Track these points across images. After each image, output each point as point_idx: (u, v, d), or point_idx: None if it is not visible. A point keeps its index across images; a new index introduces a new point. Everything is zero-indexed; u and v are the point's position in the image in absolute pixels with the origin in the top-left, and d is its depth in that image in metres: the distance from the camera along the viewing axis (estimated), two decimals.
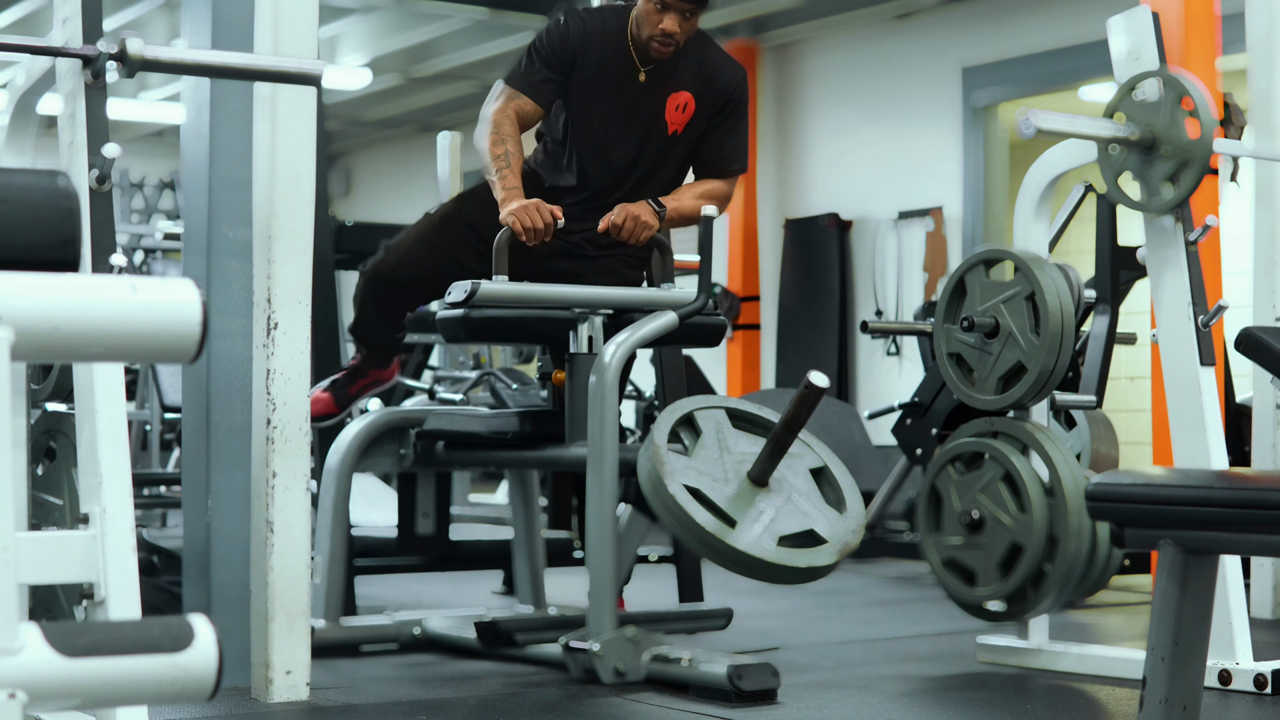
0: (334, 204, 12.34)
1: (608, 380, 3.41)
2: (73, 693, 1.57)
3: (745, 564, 3.13)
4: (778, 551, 3.15)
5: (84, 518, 2.50)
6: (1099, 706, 3.37)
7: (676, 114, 3.82)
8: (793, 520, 3.23)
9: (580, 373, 3.60)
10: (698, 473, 3.23)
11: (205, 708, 3.14)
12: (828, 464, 3.38)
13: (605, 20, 3.82)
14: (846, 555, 3.22)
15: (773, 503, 3.23)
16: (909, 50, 8.77)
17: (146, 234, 8.37)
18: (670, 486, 3.16)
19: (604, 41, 3.78)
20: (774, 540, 3.16)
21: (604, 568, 3.38)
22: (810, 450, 3.39)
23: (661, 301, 3.65)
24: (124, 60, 2.89)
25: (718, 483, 3.23)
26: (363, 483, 5.20)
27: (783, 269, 9.28)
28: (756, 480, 3.25)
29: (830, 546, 3.21)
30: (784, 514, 3.22)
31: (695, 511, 3.14)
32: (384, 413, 4.04)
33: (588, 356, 3.60)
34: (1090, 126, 3.55)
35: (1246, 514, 2.02)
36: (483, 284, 3.45)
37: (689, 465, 3.24)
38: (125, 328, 1.69)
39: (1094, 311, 4.86)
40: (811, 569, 3.18)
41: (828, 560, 3.19)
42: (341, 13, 9.30)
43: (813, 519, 3.25)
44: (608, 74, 3.78)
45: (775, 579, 3.19)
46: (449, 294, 3.51)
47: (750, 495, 3.23)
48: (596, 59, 3.77)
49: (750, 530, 3.16)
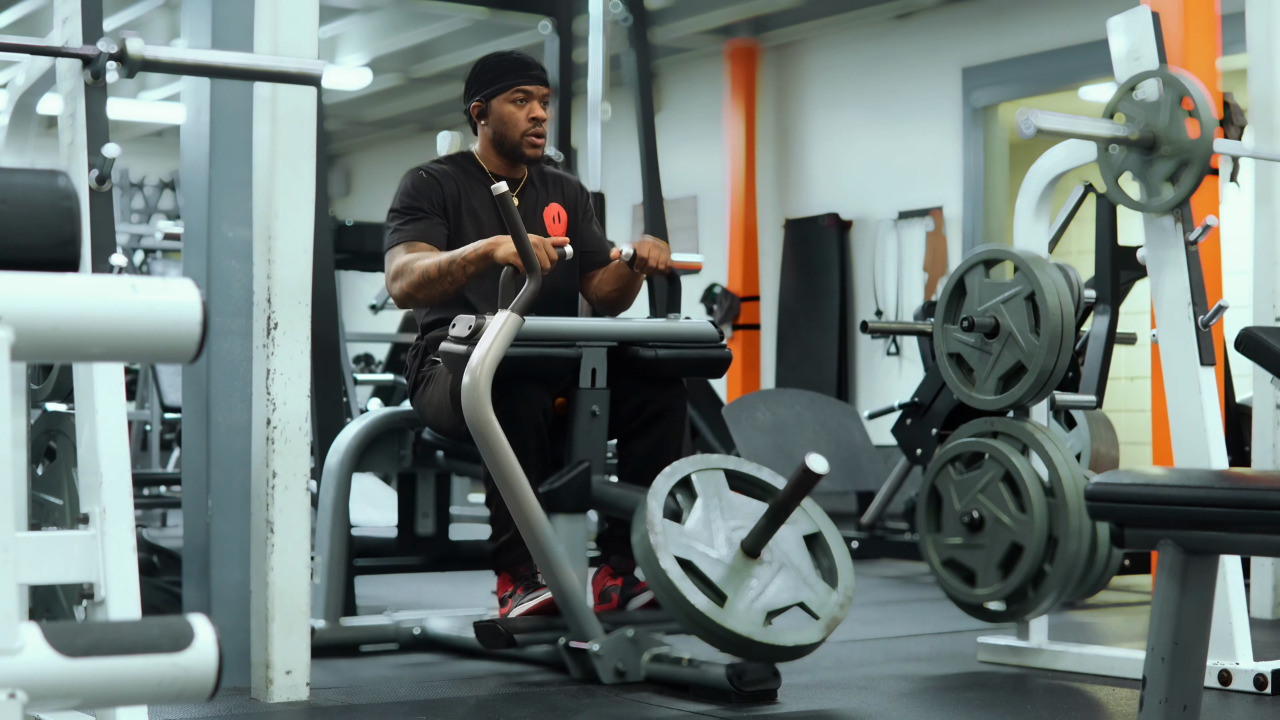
0: (334, 204, 12.34)
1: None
2: (73, 693, 1.57)
3: (734, 644, 3.16)
4: (765, 631, 3.17)
5: (84, 518, 2.50)
6: (1099, 706, 3.37)
7: (555, 225, 3.92)
8: (784, 594, 3.25)
9: (583, 407, 3.59)
10: (690, 542, 3.24)
11: (205, 708, 3.14)
12: (822, 530, 3.40)
13: (457, 164, 3.90)
14: (833, 630, 3.25)
15: (764, 576, 3.26)
16: (909, 50, 8.77)
17: (146, 234, 8.37)
18: (662, 561, 3.17)
19: (467, 182, 3.86)
20: (763, 617, 3.19)
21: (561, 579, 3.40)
22: (805, 515, 3.40)
23: (667, 335, 3.65)
24: (124, 60, 2.90)
25: (710, 553, 3.25)
26: (363, 483, 5.19)
27: (783, 269, 9.28)
28: (750, 552, 3.26)
29: (819, 623, 3.24)
30: (774, 587, 3.25)
31: (687, 590, 3.15)
32: (384, 413, 4.04)
33: (590, 391, 3.59)
34: (1090, 126, 3.55)
35: (1246, 514, 2.02)
36: (487, 318, 3.40)
37: (682, 534, 3.25)
38: (125, 328, 1.69)
39: (1094, 311, 4.86)
40: (798, 648, 3.21)
41: (815, 639, 3.23)
42: (341, 13, 9.30)
43: (803, 593, 3.27)
44: (483, 210, 3.82)
45: (762, 658, 3.23)
46: (453, 326, 3.47)
47: (743, 568, 3.25)
48: (466, 202, 3.82)
49: (740, 607, 3.18)
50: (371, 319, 9.22)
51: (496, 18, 8.63)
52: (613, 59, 6.10)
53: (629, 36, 5.35)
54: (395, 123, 12.21)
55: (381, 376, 7.82)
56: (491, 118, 3.86)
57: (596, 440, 3.61)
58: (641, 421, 3.67)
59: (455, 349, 3.43)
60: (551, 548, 3.37)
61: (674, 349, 3.64)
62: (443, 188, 3.81)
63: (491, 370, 3.27)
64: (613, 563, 3.77)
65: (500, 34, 9.39)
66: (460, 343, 3.42)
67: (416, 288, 3.66)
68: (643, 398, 3.66)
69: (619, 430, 3.71)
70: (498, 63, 3.89)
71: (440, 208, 3.80)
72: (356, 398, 6.81)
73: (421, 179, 3.82)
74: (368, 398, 7.86)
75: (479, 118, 3.90)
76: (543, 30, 5.80)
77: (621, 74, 5.42)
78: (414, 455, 4.07)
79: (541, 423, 3.52)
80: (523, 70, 3.86)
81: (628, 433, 3.70)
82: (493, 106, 3.86)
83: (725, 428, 5.91)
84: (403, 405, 4.08)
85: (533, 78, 3.85)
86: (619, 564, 3.76)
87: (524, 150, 3.85)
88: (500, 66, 3.87)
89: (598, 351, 3.59)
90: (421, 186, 3.81)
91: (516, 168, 3.93)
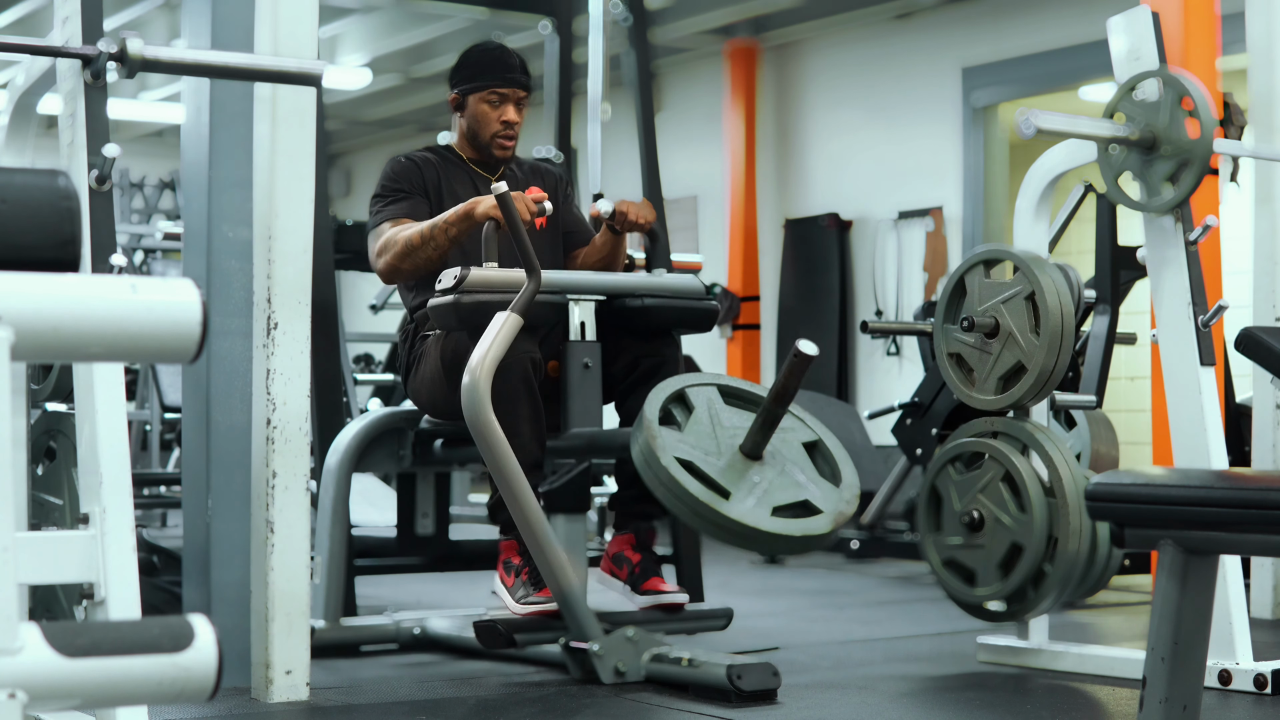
0: (334, 204, 12.34)
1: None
2: (73, 693, 1.57)
3: (740, 534, 3.12)
4: (773, 521, 3.14)
5: (84, 518, 2.50)
6: (1099, 706, 3.37)
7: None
8: (787, 491, 3.22)
9: (575, 360, 3.60)
10: (690, 446, 3.22)
11: (205, 708, 3.14)
12: (821, 438, 3.37)
13: (436, 154, 3.97)
14: (842, 524, 3.22)
15: (766, 474, 3.22)
16: (909, 50, 8.77)
17: (146, 234, 8.37)
18: (663, 459, 3.15)
19: (447, 171, 3.92)
20: (768, 510, 3.16)
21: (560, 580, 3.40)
22: (803, 425, 3.39)
23: (653, 286, 3.66)
24: (124, 60, 2.90)
25: (710, 456, 3.22)
26: (363, 483, 5.19)
27: (783, 269, 9.28)
28: (749, 453, 3.24)
29: (825, 516, 3.20)
30: (778, 485, 3.22)
31: (688, 483, 3.13)
32: (384, 413, 4.04)
33: (581, 344, 3.60)
34: (1090, 126, 3.55)
35: (1246, 514, 2.02)
36: (472, 270, 3.44)
37: (681, 439, 3.24)
38: (125, 328, 1.69)
39: (1094, 311, 4.86)
40: (807, 538, 3.16)
41: (823, 529, 3.18)
42: (341, 13, 9.30)
43: (807, 490, 3.24)
44: (464, 194, 3.86)
45: (770, 549, 3.18)
46: (439, 281, 3.50)
47: (743, 467, 3.22)
48: (447, 187, 3.88)
49: (744, 501, 3.15)
50: (371, 319, 9.21)
51: (496, 18, 8.62)
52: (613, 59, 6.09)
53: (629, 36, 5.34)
54: (395, 123, 12.20)
55: (381, 376, 7.82)
56: (467, 112, 3.95)
57: (591, 394, 3.63)
58: (636, 378, 3.68)
59: (443, 300, 3.48)
60: (551, 547, 3.37)
61: (661, 299, 3.67)
62: (423, 172, 3.89)
63: (491, 370, 3.28)
64: (637, 534, 3.75)
65: (500, 34, 9.39)
66: (447, 293, 3.46)
67: (401, 258, 3.71)
68: (636, 353, 3.68)
69: (614, 389, 3.71)
70: (479, 58, 3.95)
71: (422, 189, 3.86)
72: (356, 398, 6.81)
73: (401, 164, 3.90)
74: (368, 398, 7.86)
75: (456, 109, 3.99)
76: (543, 30, 5.79)
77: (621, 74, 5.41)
78: (414, 455, 4.07)
79: (530, 373, 3.51)
80: (500, 71, 3.91)
81: (624, 390, 3.71)
82: (469, 102, 3.94)
83: None
84: (403, 405, 4.08)
85: (509, 80, 3.91)
86: (642, 536, 3.75)
87: (493, 150, 3.94)
88: (480, 63, 3.94)
89: (586, 305, 3.62)
90: (402, 171, 3.88)
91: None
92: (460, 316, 3.46)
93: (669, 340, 3.73)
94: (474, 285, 3.45)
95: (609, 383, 3.69)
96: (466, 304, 3.44)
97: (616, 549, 3.75)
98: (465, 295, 3.45)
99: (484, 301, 3.43)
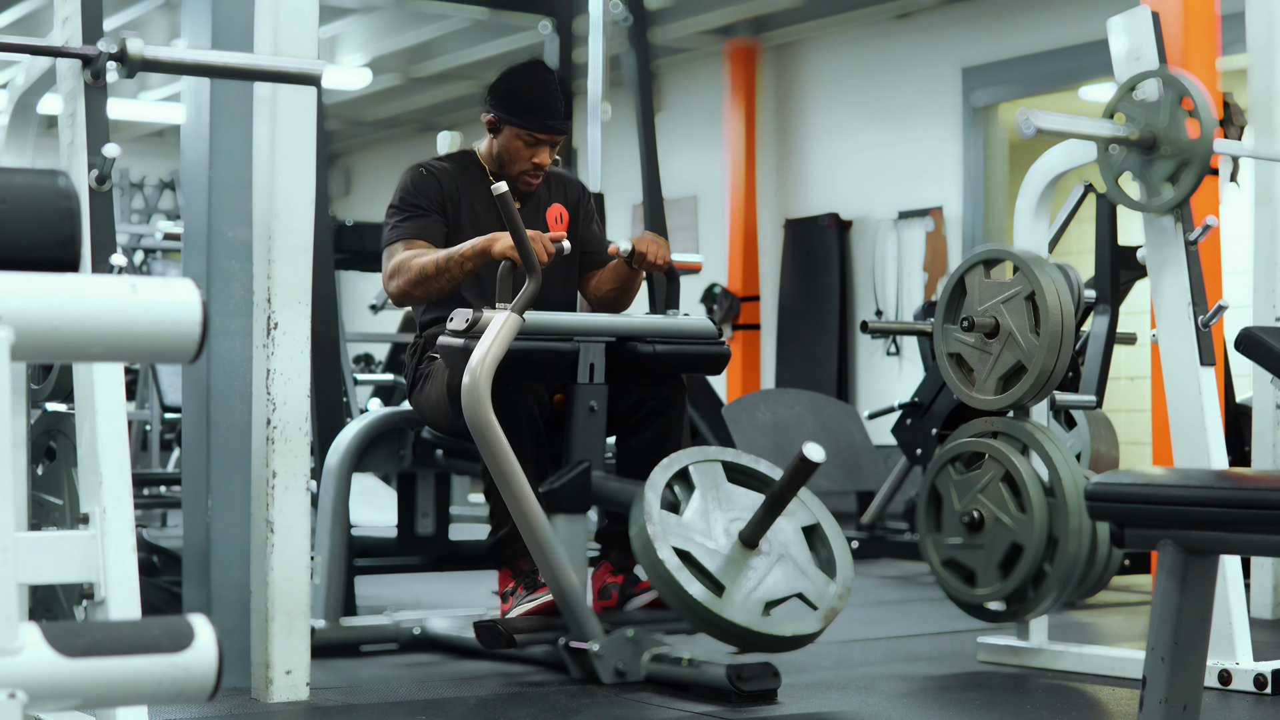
0: (334, 204, 12.34)
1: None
2: (73, 693, 1.57)
3: (732, 634, 3.16)
4: (763, 621, 3.17)
5: (84, 518, 2.50)
6: (1099, 706, 3.37)
7: (558, 226, 3.92)
8: (782, 584, 3.25)
9: (581, 402, 3.59)
10: (688, 534, 3.24)
11: (205, 708, 3.14)
12: (820, 521, 3.39)
13: (458, 163, 3.88)
14: (832, 621, 3.25)
15: (762, 567, 3.25)
16: (909, 50, 8.77)
17: (146, 234, 8.37)
18: (660, 552, 3.17)
19: (467, 181, 3.84)
20: (761, 607, 3.19)
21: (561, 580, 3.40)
22: (804, 507, 3.40)
23: (665, 330, 3.64)
24: (124, 60, 2.89)
25: (708, 544, 3.24)
26: (363, 483, 5.19)
27: (783, 269, 9.28)
28: (748, 542, 3.26)
29: (818, 614, 3.24)
30: (773, 578, 3.25)
31: (685, 581, 3.15)
32: (384, 413, 4.04)
33: (589, 386, 3.58)
34: (1090, 126, 3.55)
35: (1246, 514, 2.02)
36: (485, 313, 3.39)
37: (679, 526, 3.25)
38: (125, 328, 1.69)
39: (1094, 311, 4.86)
40: (796, 638, 3.21)
41: (813, 629, 3.22)
42: (341, 13, 9.30)
43: (801, 584, 3.27)
44: (482, 208, 3.81)
45: (760, 648, 3.22)
46: (450, 320, 3.46)
47: (741, 559, 3.24)
48: (466, 200, 3.81)
49: (738, 597, 3.18)
50: (371, 319, 9.22)
51: (496, 18, 8.63)
52: (613, 59, 6.10)
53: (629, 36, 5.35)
54: (395, 123, 12.21)
55: (381, 376, 7.82)
56: (500, 138, 3.84)
57: (595, 435, 3.61)
58: (640, 418, 3.67)
59: (453, 342, 3.42)
60: (551, 548, 3.37)
61: (672, 344, 3.64)
62: (442, 185, 3.80)
63: (491, 370, 3.27)
64: (613, 559, 3.77)
65: (500, 34, 9.40)
66: (458, 336, 3.41)
67: (413, 285, 3.65)
68: (641, 394, 3.65)
69: (618, 427, 3.70)
70: (525, 94, 3.80)
71: (439, 205, 3.79)
72: (356, 398, 6.80)
73: (421, 175, 3.81)
74: (368, 398, 7.86)
75: (489, 128, 3.87)
76: (543, 30, 5.80)
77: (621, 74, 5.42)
78: (414, 455, 4.07)
79: (538, 417, 3.51)
80: (542, 117, 3.77)
81: (626, 429, 3.70)
82: (504, 130, 3.82)
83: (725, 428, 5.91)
84: (403, 405, 4.08)
85: (549, 128, 3.78)
86: (619, 560, 3.75)
87: (517, 185, 3.83)
88: (525, 102, 3.79)
89: (596, 347, 3.59)
90: (421, 183, 3.80)
91: None
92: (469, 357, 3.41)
93: (675, 383, 3.70)
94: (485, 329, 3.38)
95: (612, 418, 3.67)
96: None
97: (599, 582, 3.75)
98: (474, 340, 3.36)
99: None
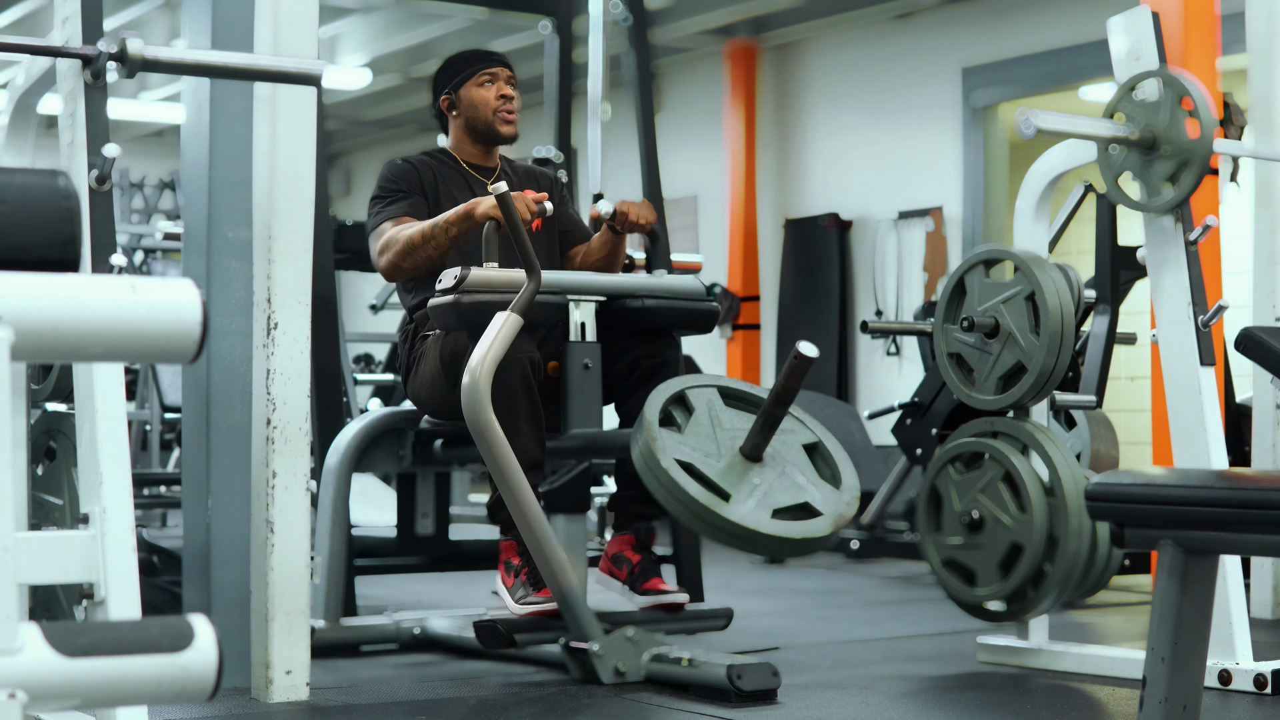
0: (334, 204, 12.34)
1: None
2: (73, 693, 1.57)
3: (740, 536, 3.12)
4: (773, 523, 3.14)
5: (84, 518, 2.50)
6: (1099, 706, 3.37)
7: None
8: (787, 493, 3.22)
9: (575, 360, 3.60)
10: (690, 448, 3.23)
11: (205, 708, 3.14)
12: (821, 440, 3.37)
13: (433, 157, 4.02)
14: (842, 526, 3.22)
15: (766, 476, 3.22)
16: (909, 50, 8.77)
17: (146, 234, 8.36)
18: (663, 461, 3.15)
19: (444, 173, 3.96)
20: (768, 512, 3.16)
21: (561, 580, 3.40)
22: (804, 427, 3.39)
23: (654, 287, 3.66)
24: (124, 60, 2.90)
25: (710, 457, 3.22)
26: (363, 483, 5.19)
27: (783, 269, 9.28)
28: (749, 455, 3.24)
29: (825, 518, 3.20)
30: (778, 487, 3.21)
31: (688, 485, 3.13)
32: (384, 413, 4.04)
33: (581, 345, 3.60)
34: (1090, 126, 3.55)
35: (1246, 514, 2.02)
36: (473, 270, 3.44)
37: (681, 441, 3.24)
38: (125, 328, 1.69)
39: (1094, 311, 4.85)
40: (807, 540, 3.17)
41: (823, 531, 3.18)
42: (341, 13, 9.30)
43: (807, 492, 3.24)
44: (461, 197, 3.88)
45: (770, 551, 3.19)
46: (439, 281, 3.51)
47: (743, 469, 3.22)
48: (444, 189, 3.92)
49: (744, 503, 3.15)
50: (371, 319, 9.21)
51: (496, 17, 8.63)
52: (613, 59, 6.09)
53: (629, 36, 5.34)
54: (395, 123, 12.20)
55: (381, 376, 7.82)
56: (462, 105, 4.00)
57: (590, 394, 3.63)
58: (636, 378, 3.69)
59: (443, 300, 3.48)
60: (551, 548, 3.37)
61: (661, 300, 3.67)
62: (420, 174, 3.92)
63: (492, 370, 3.28)
64: (637, 534, 3.75)
65: (500, 34, 9.39)
66: (447, 293, 3.47)
67: (402, 256, 3.74)
68: (636, 354, 3.69)
69: (614, 390, 3.72)
70: (458, 57, 4.06)
71: (420, 190, 3.90)
72: (356, 398, 6.81)
73: (399, 166, 3.94)
74: (368, 398, 7.86)
75: (449, 110, 4.03)
76: (543, 30, 5.79)
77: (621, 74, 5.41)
78: (414, 455, 4.07)
79: (529, 372, 3.51)
80: (485, 56, 4.02)
81: (623, 390, 3.72)
82: (461, 95, 4.00)
83: None
84: (403, 405, 4.08)
85: (495, 60, 4.02)
86: (642, 537, 3.75)
87: (498, 127, 3.98)
88: (462, 59, 4.04)
89: (586, 306, 3.63)
90: (399, 173, 3.92)
91: (490, 157, 4.05)
92: (460, 316, 3.46)
93: (669, 341, 3.73)
94: (474, 285, 3.45)
95: (609, 383, 3.69)
96: (466, 304, 3.44)
97: (616, 549, 3.75)
98: (465, 295, 3.45)
99: (484, 301, 3.43)
